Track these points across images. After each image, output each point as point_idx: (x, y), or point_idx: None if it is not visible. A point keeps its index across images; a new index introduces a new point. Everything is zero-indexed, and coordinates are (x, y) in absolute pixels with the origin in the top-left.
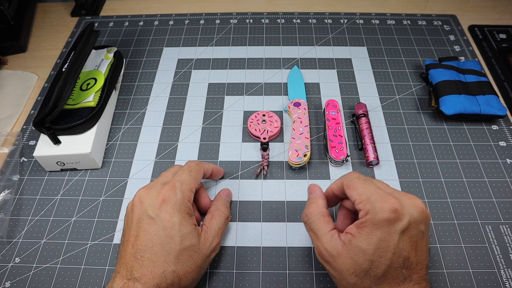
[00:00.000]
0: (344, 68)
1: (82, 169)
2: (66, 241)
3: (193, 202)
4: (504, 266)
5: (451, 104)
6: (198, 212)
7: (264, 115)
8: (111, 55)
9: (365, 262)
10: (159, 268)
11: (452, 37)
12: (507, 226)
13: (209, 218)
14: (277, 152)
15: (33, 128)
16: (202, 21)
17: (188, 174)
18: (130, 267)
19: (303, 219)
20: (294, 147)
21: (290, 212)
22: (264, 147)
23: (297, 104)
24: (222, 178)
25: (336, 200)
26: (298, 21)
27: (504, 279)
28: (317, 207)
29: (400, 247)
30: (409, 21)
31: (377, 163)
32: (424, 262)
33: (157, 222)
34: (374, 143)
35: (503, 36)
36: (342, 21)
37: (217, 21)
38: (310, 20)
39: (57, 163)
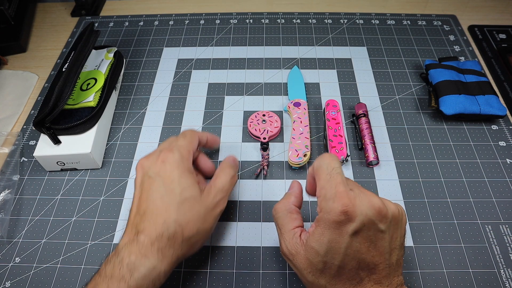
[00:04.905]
0: (344, 68)
1: (82, 169)
2: (66, 241)
3: (196, 170)
4: (504, 266)
5: (451, 104)
6: (204, 178)
7: (264, 115)
8: (111, 55)
9: (319, 263)
10: (161, 218)
11: (452, 37)
12: (507, 226)
13: (214, 178)
14: (277, 152)
15: (33, 128)
16: (202, 21)
17: (183, 139)
18: (135, 224)
19: (272, 213)
20: (294, 147)
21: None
22: (264, 147)
23: (297, 104)
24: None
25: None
26: (298, 21)
27: (504, 279)
28: (286, 204)
29: (354, 248)
30: (409, 21)
31: (377, 163)
32: (387, 262)
33: (156, 179)
34: (374, 143)
35: (503, 36)
36: (342, 21)
37: (217, 21)
38: (310, 20)
39: (57, 163)
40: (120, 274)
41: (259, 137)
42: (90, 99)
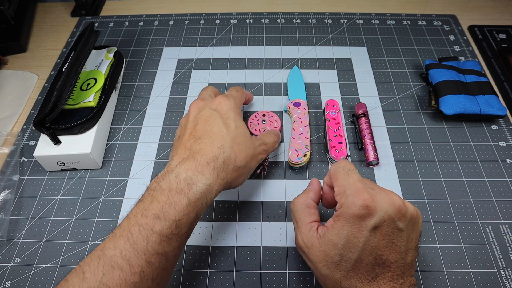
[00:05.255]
0: (344, 68)
1: (82, 169)
2: (66, 241)
3: None
4: (504, 266)
5: (451, 104)
6: None
7: (264, 115)
8: (111, 55)
9: (335, 256)
10: (218, 141)
11: (452, 37)
12: (507, 226)
13: (259, 135)
14: (277, 152)
15: (33, 128)
16: (202, 21)
17: (236, 92)
18: (189, 147)
19: (290, 207)
20: (294, 147)
21: (290, 212)
22: None
23: (297, 104)
24: None
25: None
26: (298, 21)
27: (504, 279)
28: (305, 198)
29: (371, 244)
30: (409, 21)
31: (377, 163)
32: (402, 260)
33: (214, 113)
34: (374, 143)
35: (503, 36)
36: (342, 21)
37: (217, 21)
38: (310, 20)
39: (57, 163)
40: (179, 188)
41: None
42: (90, 99)
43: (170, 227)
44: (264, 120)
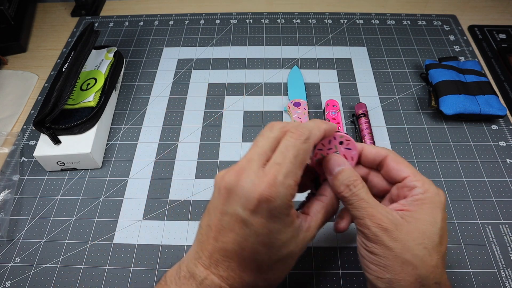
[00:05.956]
0: (344, 68)
1: (82, 169)
2: (66, 241)
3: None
4: (504, 266)
5: (451, 104)
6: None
7: (341, 143)
8: (111, 55)
9: (436, 235)
10: (249, 276)
11: (452, 37)
12: (507, 226)
13: (318, 209)
14: None
15: (33, 128)
16: (202, 21)
17: (293, 161)
18: (215, 262)
19: (343, 191)
20: None
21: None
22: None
23: (297, 104)
24: None
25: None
26: (298, 21)
27: (504, 279)
28: (360, 177)
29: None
30: (409, 21)
31: None
32: None
33: (249, 226)
34: (374, 143)
35: (503, 36)
36: (342, 21)
37: (217, 21)
38: (310, 20)
39: (57, 163)
40: None
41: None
42: (90, 99)
43: None
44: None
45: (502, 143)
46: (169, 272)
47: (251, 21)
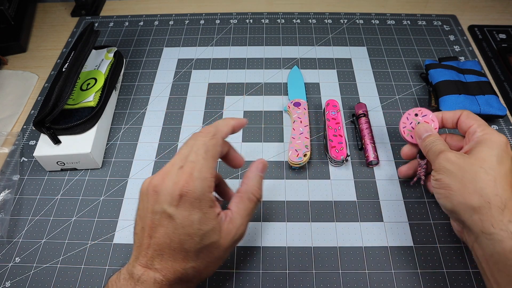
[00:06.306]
0: (344, 68)
1: (82, 169)
2: (66, 241)
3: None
4: None
5: (451, 104)
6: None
7: (416, 115)
8: (111, 55)
9: (494, 162)
10: (179, 264)
11: (452, 37)
12: None
13: (236, 202)
14: (277, 152)
15: (33, 128)
16: (202, 21)
17: (204, 156)
18: (150, 257)
19: (425, 144)
20: (294, 147)
21: (290, 212)
22: (422, 155)
23: (297, 104)
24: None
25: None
26: (298, 21)
27: None
28: (440, 137)
29: None
30: (409, 21)
31: (377, 163)
32: None
33: (175, 219)
34: (374, 143)
35: (502, 36)
36: (342, 21)
37: (217, 21)
38: (310, 20)
39: (57, 163)
40: None
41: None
42: (90, 99)
43: None
44: (418, 122)
45: None
46: (111, 278)
47: (251, 21)
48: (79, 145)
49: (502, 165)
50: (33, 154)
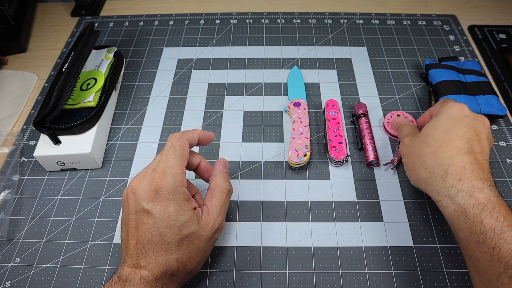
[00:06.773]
0: (344, 68)
1: (82, 169)
2: (66, 241)
3: (201, 174)
4: None
5: None
6: (200, 196)
7: (398, 115)
8: (111, 55)
9: (438, 134)
10: (162, 257)
11: (452, 37)
12: None
13: (209, 197)
14: (277, 152)
15: (33, 128)
16: (202, 21)
17: (173, 156)
18: (136, 257)
19: (398, 128)
20: (294, 147)
21: (290, 212)
22: None
23: (297, 104)
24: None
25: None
26: (298, 21)
27: None
28: (411, 124)
29: None
30: (409, 21)
31: (377, 163)
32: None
33: (153, 214)
34: (374, 143)
35: (502, 36)
36: (342, 21)
37: (217, 21)
38: (310, 20)
39: (57, 163)
40: None
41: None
42: (90, 99)
43: None
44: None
45: (502, 143)
46: (105, 285)
47: (251, 21)
48: (79, 145)
49: (447, 133)
50: (33, 154)
